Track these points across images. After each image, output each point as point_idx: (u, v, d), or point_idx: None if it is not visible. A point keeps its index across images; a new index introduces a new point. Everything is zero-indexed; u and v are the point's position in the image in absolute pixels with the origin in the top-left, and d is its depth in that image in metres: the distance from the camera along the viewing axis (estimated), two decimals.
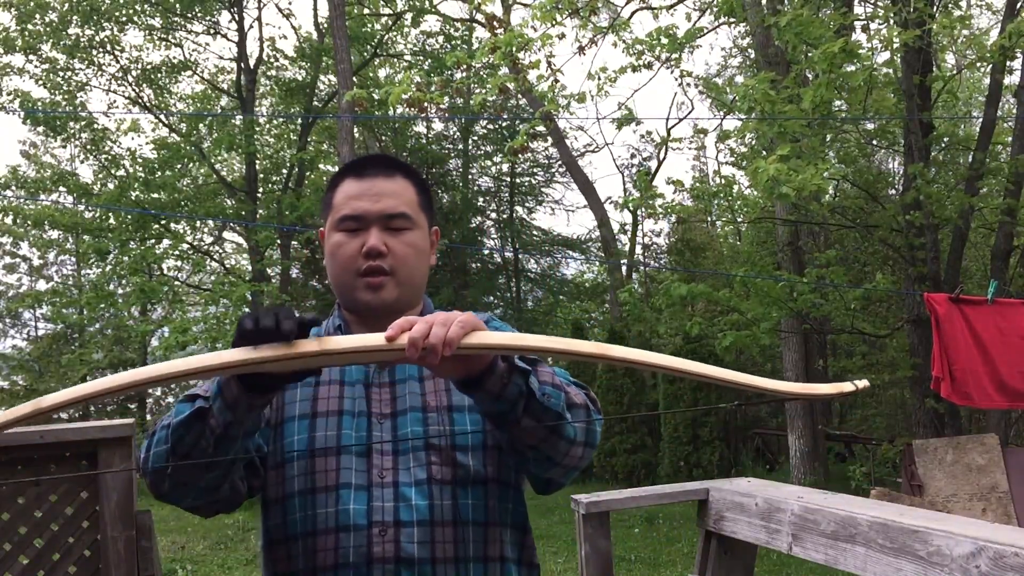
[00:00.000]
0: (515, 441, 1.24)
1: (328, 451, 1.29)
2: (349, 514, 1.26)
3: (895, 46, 6.98)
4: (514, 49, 7.15)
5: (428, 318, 1.05)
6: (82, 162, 16.61)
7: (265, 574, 1.36)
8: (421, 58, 16.66)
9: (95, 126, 14.26)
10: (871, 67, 7.20)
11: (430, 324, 1.04)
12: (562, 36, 7.66)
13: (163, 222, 14.23)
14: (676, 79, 11.21)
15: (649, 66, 9.22)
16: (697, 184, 15.11)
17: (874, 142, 11.96)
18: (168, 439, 1.18)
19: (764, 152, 7.84)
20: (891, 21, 7.02)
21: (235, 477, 1.25)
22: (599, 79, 8.95)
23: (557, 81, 8.79)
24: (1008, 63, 8.22)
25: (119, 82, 14.92)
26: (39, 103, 13.51)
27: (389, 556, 1.24)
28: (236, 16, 15.00)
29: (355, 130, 14.31)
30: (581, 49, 9.43)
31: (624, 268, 16.61)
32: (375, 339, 1.04)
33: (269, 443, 1.32)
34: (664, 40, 8.34)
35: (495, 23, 9.34)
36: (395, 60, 17.15)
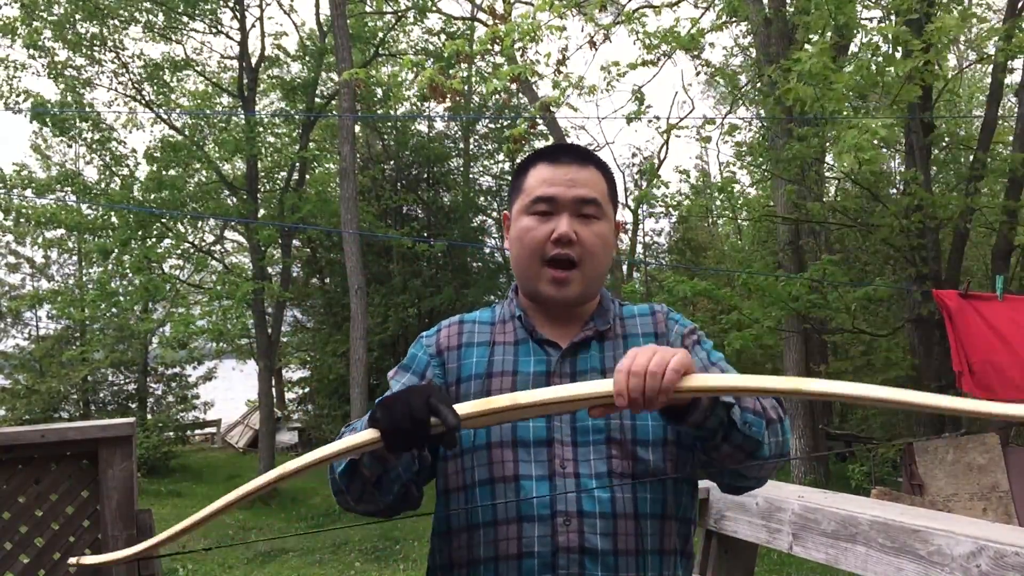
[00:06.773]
0: (712, 461, 1.28)
1: (505, 443, 1.30)
2: (532, 504, 1.27)
3: (894, 37, 6.93)
4: (518, 37, 7.08)
5: (640, 364, 1.07)
6: (88, 163, 16.62)
7: (439, 560, 1.37)
8: (423, 56, 16.62)
9: (101, 124, 14.25)
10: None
11: (643, 376, 1.06)
12: (563, 29, 7.62)
13: (165, 220, 14.21)
14: (696, 68, 11.24)
15: (655, 62, 9.19)
16: (700, 181, 15.09)
17: (875, 141, 11.92)
18: (338, 487, 1.31)
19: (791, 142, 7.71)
20: (892, 21, 6.99)
21: (411, 488, 1.31)
22: (610, 73, 8.96)
23: (560, 72, 8.76)
24: (1009, 63, 8.19)
25: (119, 79, 14.89)
26: (48, 102, 13.46)
27: (574, 546, 1.25)
28: (238, 14, 14.98)
29: (356, 128, 14.31)
30: (591, 43, 9.38)
31: (624, 267, 16.60)
32: (575, 390, 1.12)
33: None
34: (680, 32, 8.28)
35: (494, 17, 9.32)
36: (397, 59, 17.12)
